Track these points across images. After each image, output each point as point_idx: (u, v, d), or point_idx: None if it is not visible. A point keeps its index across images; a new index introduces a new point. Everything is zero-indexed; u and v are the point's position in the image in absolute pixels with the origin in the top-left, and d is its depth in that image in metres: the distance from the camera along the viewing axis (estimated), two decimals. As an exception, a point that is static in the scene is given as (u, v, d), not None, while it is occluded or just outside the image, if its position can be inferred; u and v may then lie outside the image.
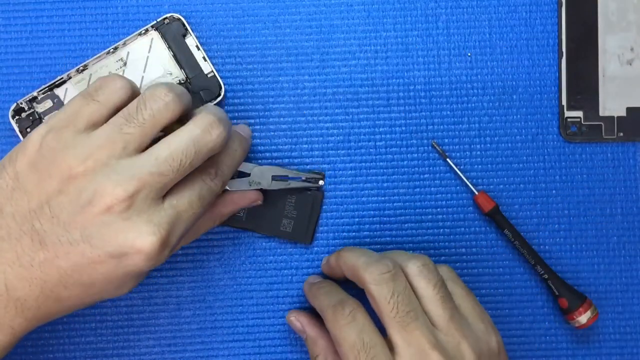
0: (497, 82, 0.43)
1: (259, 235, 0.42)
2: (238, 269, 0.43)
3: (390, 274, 0.34)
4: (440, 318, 0.34)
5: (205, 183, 0.34)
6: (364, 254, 0.36)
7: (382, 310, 0.33)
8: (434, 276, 0.35)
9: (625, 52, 0.43)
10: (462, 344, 0.33)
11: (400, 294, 0.33)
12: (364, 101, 0.43)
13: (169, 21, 0.42)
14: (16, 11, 0.42)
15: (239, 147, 0.37)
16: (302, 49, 0.43)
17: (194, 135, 0.32)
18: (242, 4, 0.43)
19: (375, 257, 0.35)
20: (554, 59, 0.43)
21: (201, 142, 0.33)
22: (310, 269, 0.42)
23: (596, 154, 0.43)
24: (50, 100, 0.41)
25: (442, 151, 0.42)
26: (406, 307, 0.33)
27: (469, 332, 0.34)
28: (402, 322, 0.33)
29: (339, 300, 0.35)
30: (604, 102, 0.43)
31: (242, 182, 0.40)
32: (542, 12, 0.43)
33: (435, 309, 0.34)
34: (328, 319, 0.35)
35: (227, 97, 0.43)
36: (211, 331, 0.42)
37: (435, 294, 0.34)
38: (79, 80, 0.41)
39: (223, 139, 0.33)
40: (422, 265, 0.35)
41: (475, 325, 0.35)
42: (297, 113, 0.43)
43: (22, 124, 0.41)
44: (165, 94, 0.33)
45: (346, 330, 0.33)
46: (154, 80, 0.41)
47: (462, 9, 0.43)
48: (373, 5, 0.43)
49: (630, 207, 0.43)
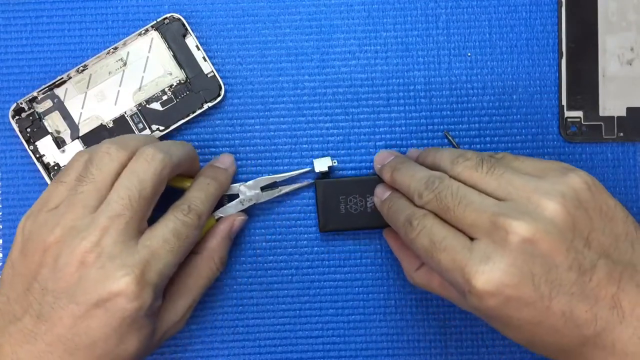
0: (497, 82, 0.43)
1: (259, 235, 0.42)
2: (238, 269, 0.43)
3: (429, 183, 0.34)
4: (497, 190, 0.32)
5: (178, 219, 0.35)
6: (410, 171, 0.36)
7: (443, 216, 0.33)
8: (472, 161, 0.34)
9: (625, 52, 0.43)
10: (532, 198, 0.31)
11: (442, 191, 0.33)
12: (364, 101, 0.43)
13: (169, 21, 0.42)
14: (16, 11, 0.42)
15: (212, 180, 0.39)
16: (302, 49, 0.43)
17: (132, 168, 0.34)
18: (242, 4, 0.43)
19: (417, 177, 0.35)
20: (554, 59, 0.43)
21: (142, 173, 0.34)
22: (310, 269, 0.43)
23: (596, 154, 0.43)
24: (50, 100, 0.41)
25: (455, 142, 0.42)
26: (454, 200, 0.32)
27: (536, 184, 0.31)
28: (461, 212, 0.32)
29: (406, 217, 0.34)
30: (604, 102, 0.43)
31: (233, 205, 0.41)
32: (542, 12, 0.43)
33: (487, 186, 0.32)
34: (403, 239, 0.35)
35: (228, 97, 0.43)
36: (211, 331, 0.42)
37: (479, 174, 0.33)
38: (79, 80, 0.41)
39: (164, 164, 0.35)
40: (456, 157, 0.34)
41: (541, 175, 0.32)
42: (297, 113, 0.43)
43: (22, 124, 0.41)
44: (107, 147, 0.35)
45: (418, 242, 0.33)
46: (153, 80, 0.41)
47: (462, 9, 0.43)
48: (373, 5, 0.43)
49: (630, 207, 0.43)
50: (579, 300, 0.30)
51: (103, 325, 0.32)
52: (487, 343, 0.43)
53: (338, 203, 0.41)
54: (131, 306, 0.32)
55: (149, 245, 0.34)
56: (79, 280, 0.32)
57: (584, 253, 0.30)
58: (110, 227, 0.33)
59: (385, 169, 0.38)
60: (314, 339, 0.43)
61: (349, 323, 0.43)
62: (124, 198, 0.33)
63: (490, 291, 0.30)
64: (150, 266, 0.33)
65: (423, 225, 0.33)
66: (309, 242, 0.43)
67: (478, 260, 0.30)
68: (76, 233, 0.33)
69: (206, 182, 0.38)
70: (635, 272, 0.31)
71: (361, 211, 0.41)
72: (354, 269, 0.43)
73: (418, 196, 0.34)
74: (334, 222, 0.41)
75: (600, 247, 0.31)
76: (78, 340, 0.32)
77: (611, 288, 0.30)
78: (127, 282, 0.32)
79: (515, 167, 0.33)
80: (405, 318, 0.43)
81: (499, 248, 0.30)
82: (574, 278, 0.30)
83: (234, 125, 0.43)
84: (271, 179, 0.41)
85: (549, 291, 0.30)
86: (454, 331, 0.43)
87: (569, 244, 0.30)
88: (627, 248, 0.31)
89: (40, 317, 0.32)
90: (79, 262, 0.32)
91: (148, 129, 0.42)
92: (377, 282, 0.43)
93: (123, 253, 0.33)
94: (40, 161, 0.41)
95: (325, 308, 0.43)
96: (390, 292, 0.43)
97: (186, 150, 0.38)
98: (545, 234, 0.30)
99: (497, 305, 0.30)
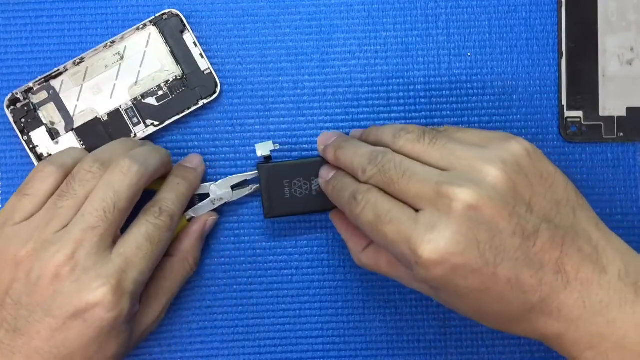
0: (497, 82, 0.43)
1: (259, 234, 0.42)
2: (238, 268, 0.43)
3: (372, 158, 0.33)
4: (440, 160, 0.32)
5: (149, 223, 0.35)
6: (353, 150, 0.36)
7: (388, 189, 0.32)
8: (414, 134, 0.34)
9: (625, 52, 0.43)
10: (475, 165, 0.31)
11: (386, 164, 0.33)
12: (364, 101, 0.43)
13: (168, 17, 0.42)
14: (16, 11, 0.42)
15: (182, 180, 0.39)
16: (302, 49, 0.43)
17: (108, 180, 0.34)
18: (242, 4, 0.43)
19: (359, 154, 0.35)
20: (554, 59, 0.43)
21: (117, 184, 0.34)
22: (310, 269, 0.43)
23: (596, 154, 0.43)
24: (45, 91, 0.41)
25: None
26: (398, 173, 0.32)
27: (478, 153, 0.32)
28: (405, 184, 0.32)
29: (351, 194, 0.34)
30: (604, 102, 0.43)
31: (204, 204, 0.41)
32: (542, 12, 0.43)
33: (430, 158, 0.32)
34: (348, 217, 0.34)
35: (228, 97, 0.43)
36: (211, 331, 0.42)
37: (421, 146, 0.33)
38: (75, 73, 0.41)
39: (140, 175, 0.35)
40: (398, 131, 0.34)
41: (483, 145, 0.33)
42: (297, 113, 0.43)
43: (17, 114, 0.41)
44: (90, 165, 0.35)
45: (363, 217, 0.33)
46: (150, 74, 0.42)
47: (462, 9, 0.43)
48: (373, 5, 0.43)
49: (630, 207, 0.43)
50: (523, 265, 0.30)
51: (81, 335, 0.32)
52: (487, 343, 0.43)
53: (282, 187, 0.40)
54: (109, 316, 0.32)
55: (123, 253, 0.34)
56: (54, 294, 0.32)
57: (526, 218, 0.30)
58: (84, 239, 0.33)
59: (329, 148, 0.38)
60: (314, 339, 0.43)
61: (349, 323, 0.43)
62: (98, 210, 0.33)
63: (437, 260, 0.29)
64: (125, 274, 0.33)
65: (367, 200, 0.33)
66: (308, 242, 0.43)
67: (423, 229, 0.30)
68: (49, 246, 0.33)
69: (176, 182, 0.38)
70: (577, 237, 0.31)
71: (306, 194, 0.40)
72: (354, 270, 0.43)
73: (362, 172, 0.34)
74: (279, 208, 0.40)
75: (542, 212, 0.31)
76: (57, 352, 0.32)
77: (554, 253, 0.30)
78: (104, 293, 0.32)
79: (458, 138, 0.33)
80: (405, 318, 0.43)
81: (443, 216, 0.30)
82: (518, 243, 0.30)
83: (234, 126, 0.43)
84: (242, 177, 0.41)
85: (494, 257, 0.30)
86: (454, 331, 0.43)
87: (512, 209, 0.30)
88: (568, 213, 0.31)
89: (17, 331, 0.32)
90: (53, 276, 0.32)
91: (142, 123, 0.42)
92: (377, 283, 0.43)
93: (97, 264, 0.33)
94: (33, 152, 0.41)
95: (325, 308, 0.43)
96: (390, 292, 0.43)
97: (162, 159, 0.38)
98: (489, 200, 0.30)
99: (444, 274, 0.30)
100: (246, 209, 0.43)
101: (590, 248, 0.31)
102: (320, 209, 0.40)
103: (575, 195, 0.32)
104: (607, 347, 0.30)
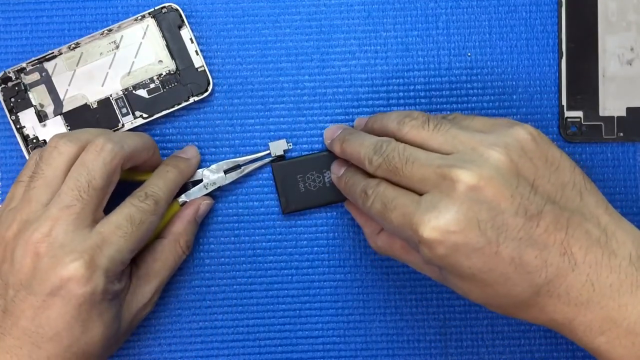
0: (497, 82, 0.43)
1: (260, 234, 0.42)
2: (238, 269, 0.43)
3: (377, 148, 0.34)
4: (443, 145, 0.32)
5: (133, 205, 0.36)
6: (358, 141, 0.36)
7: (394, 178, 0.33)
8: (418, 120, 0.34)
9: (625, 52, 0.43)
10: (477, 148, 0.31)
11: (390, 153, 0.33)
12: (364, 101, 0.43)
13: (167, 10, 0.42)
14: (16, 11, 0.42)
15: (172, 168, 0.39)
16: (302, 49, 0.43)
17: (82, 159, 0.35)
18: (242, 4, 0.43)
19: (365, 144, 0.35)
20: (554, 59, 0.43)
21: (90, 163, 0.35)
22: (310, 269, 0.43)
23: (596, 154, 0.43)
24: (38, 73, 0.41)
25: None
26: (402, 160, 0.32)
27: (481, 137, 0.32)
28: (409, 170, 0.32)
29: (362, 189, 0.35)
30: (604, 102, 0.43)
31: (197, 189, 0.41)
32: (542, 12, 0.43)
33: (434, 143, 0.33)
34: (361, 209, 0.35)
35: (228, 97, 0.43)
36: (211, 331, 0.42)
37: (426, 132, 0.33)
38: (70, 57, 0.41)
39: (113, 154, 0.35)
40: (402, 118, 0.34)
41: (488, 131, 0.33)
42: (297, 113, 0.43)
43: (7, 93, 0.41)
44: (55, 141, 0.36)
45: (373, 208, 0.33)
46: (144, 66, 0.42)
47: (462, 9, 0.43)
48: (373, 5, 0.43)
49: (630, 207, 0.43)
50: (527, 245, 0.30)
51: (63, 314, 0.33)
52: (487, 343, 0.43)
53: (296, 182, 0.41)
54: (83, 291, 0.33)
55: (102, 231, 0.34)
56: (34, 271, 0.33)
57: (529, 199, 0.30)
58: (60, 217, 0.33)
59: (335, 142, 0.39)
60: (314, 339, 0.43)
61: (349, 323, 0.43)
62: (73, 189, 0.34)
63: (438, 239, 0.30)
64: (101, 251, 0.34)
65: (376, 193, 0.33)
66: (308, 242, 0.43)
67: (424, 210, 0.30)
68: (29, 225, 0.34)
69: (166, 169, 0.39)
70: (584, 220, 0.31)
71: (320, 187, 0.41)
72: (354, 269, 0.43)
73: (368, 162, 0.34)
74: (296, 202, 0.41)
75: (546, 194, 0.31)
76: (42, 332, 0.33)
77: (559, 234, 0.30)
78: (76, 267, 0.33)
79: (464, 125, 0.34)
80: (405, 318, 0.43)
81: (445, 197, 0.30)
82: (521, 223, 0.30)
83: (234, 125, 0.43)
84: (233, 162, 0.42)
85: (496, 236, 0.30)
86: (454, 331, 0.43)
87: (514, 190, 0.30)
88: (574, 196, 0.31)
89: (6, 312, 0.33)
90: (33, 253, 0.33)
91: (131, 114, 0.42)
92: (377, 283, 0.43)
93: (74, 241, 0.33)
94: (20, 132, 0.41)
95: (325, 308, 0.43)
96: (390, 292, 0.43)
97: (142, 141, 0.38)
98: (489, 180, 0.30)
99: (446, 253, 0.30)
100: (246, 209, 0.43)
101: (599, 231, 0.31)
102: (335, 200, 0.41)
103: (583, 179, 0.32)
104: (619, 333, 0.30)
